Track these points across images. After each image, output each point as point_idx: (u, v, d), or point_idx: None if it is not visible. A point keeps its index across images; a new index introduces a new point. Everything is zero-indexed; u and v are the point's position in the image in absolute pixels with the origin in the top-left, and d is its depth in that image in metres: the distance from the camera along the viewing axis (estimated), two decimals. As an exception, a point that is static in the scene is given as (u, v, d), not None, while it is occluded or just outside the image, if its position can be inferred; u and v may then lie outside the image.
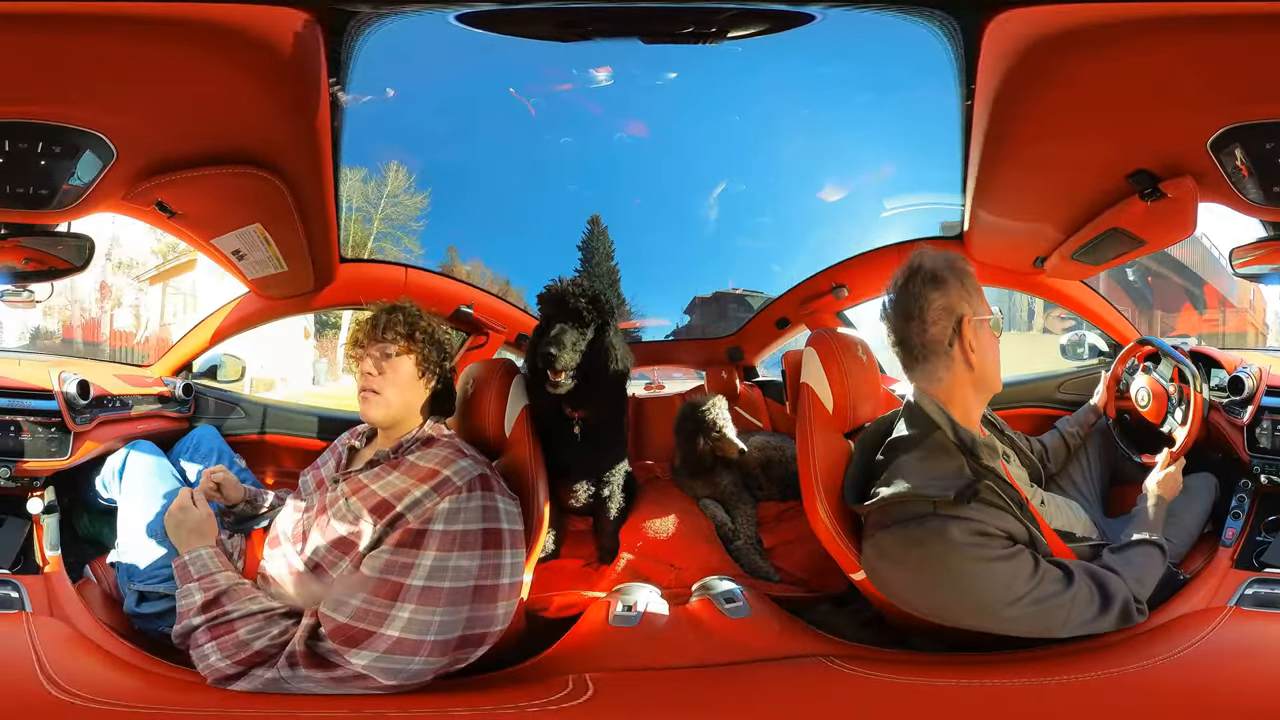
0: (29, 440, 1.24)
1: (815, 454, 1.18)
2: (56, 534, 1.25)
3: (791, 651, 1.12)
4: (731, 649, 1.12)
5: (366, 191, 2.45)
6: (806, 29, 1.13)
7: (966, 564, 0.97)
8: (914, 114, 1.52)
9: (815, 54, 1.53)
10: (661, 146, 2.16)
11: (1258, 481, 1.25)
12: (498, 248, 2.56)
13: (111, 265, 3.53)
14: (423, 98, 1.72)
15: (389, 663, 0.98)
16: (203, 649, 1.04)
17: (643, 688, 1.05)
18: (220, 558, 1.13)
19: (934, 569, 0.99)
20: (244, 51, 1.01)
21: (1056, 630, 1.00)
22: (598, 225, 2.10)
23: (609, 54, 1.59)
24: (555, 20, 1.14)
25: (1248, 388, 1.25)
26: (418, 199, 2.56)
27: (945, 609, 1.02)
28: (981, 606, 0.98)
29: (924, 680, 1.04)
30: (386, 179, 2.64)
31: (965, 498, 0.98)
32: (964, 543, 0.96)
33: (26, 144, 1.04)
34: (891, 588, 1.07)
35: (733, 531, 1.55)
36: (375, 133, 1.79)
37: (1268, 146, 0.99)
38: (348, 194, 2.28)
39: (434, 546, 1.02)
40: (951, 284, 1.04)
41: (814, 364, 1.28)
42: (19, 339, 3.52)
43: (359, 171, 2.28)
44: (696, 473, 1.67)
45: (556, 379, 1.37)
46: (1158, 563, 1.12)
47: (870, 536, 1.07)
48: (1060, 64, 1.00)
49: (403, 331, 1.17)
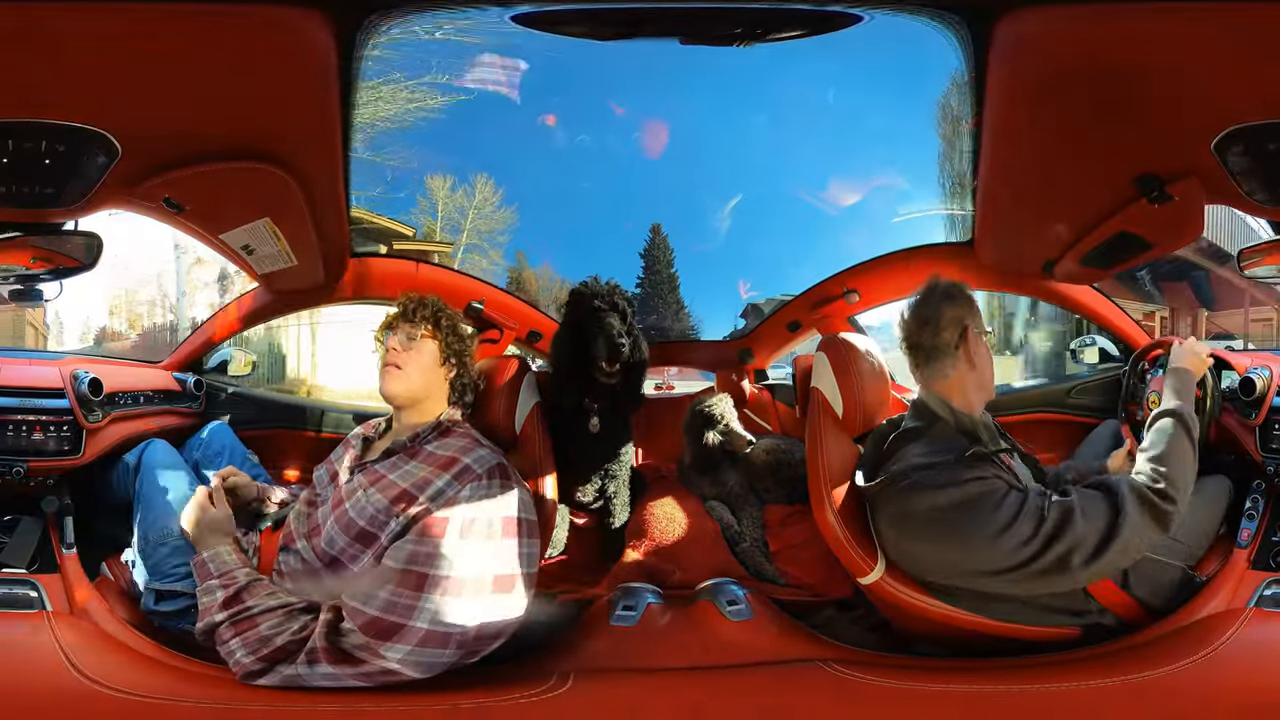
0: (42, 439, 1.24)
1: (825, 458, 1.18)
2: (71, 532, 1.26)
3: (790, 655, 1.13)
4: (729, 652, 1.12)
5: (455, 201, 2.51)
6: (839, 33, 1.12)
7: (970, 512, 1.03)
8: (928, 119, 1.52)
9: (834, 57, 1.51)
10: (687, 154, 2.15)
11: (1272, 482, 1.25)
12: (565, 253, 2.65)
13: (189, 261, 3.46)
14: (503, 104, 1.74)
15: (421, 656, 0.97)
16: (229, 645, 1.04)
17: (623, 687, 1.05)
18: (238, 555, 1.13)
19: (943, 522, 1.04)
20: (250, 44, 1.00)
21: (1077, 564, 1.00)
22: (659, 234, 2.12)
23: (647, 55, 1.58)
24: (601, 20, 1.12)
25: (1259, 389, 1.25)
26: (505, 213, 2.63)
27: (963, 561, 1.05)
28: (994, 552, 1.01)
29: (926, 686, 1.04)
30: (475, 189, 2.68)
31: (964, 459, 1.07)
32: (966, 489, 1.04)
33: (30, 143, 1.03)
34: (907, 556, 1.11)
35: (738, 534, 1.56)
36: (459, 141, 1.81)
37: (1271, 147, 0.99)
38: (438, 202, 2.33)
39: (457, 535, 1.02)
40: (961, 301, 1.19)
41: (825, 369, 1.28)
42: (81, 339, 3.47)
43: (447, 180, 2.33)
44: (704, 470, 1.68)
45: (612, 369, 1.46)
46: (1182, 438, 1.08)
47: (881, 510, 1.13)
48: (1064, 66, 0.99)
49: (429, 317, 1.24)
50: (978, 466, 1.06)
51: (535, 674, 1.04)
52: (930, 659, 1.13)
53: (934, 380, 1.17)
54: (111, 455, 1.36)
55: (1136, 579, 1.14)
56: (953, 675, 1.06)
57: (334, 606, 1.04)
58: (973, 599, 1.09)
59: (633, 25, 1.16)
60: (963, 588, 1.08)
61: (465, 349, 1.27)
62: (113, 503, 1.35)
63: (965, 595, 1.09)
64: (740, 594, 1.21)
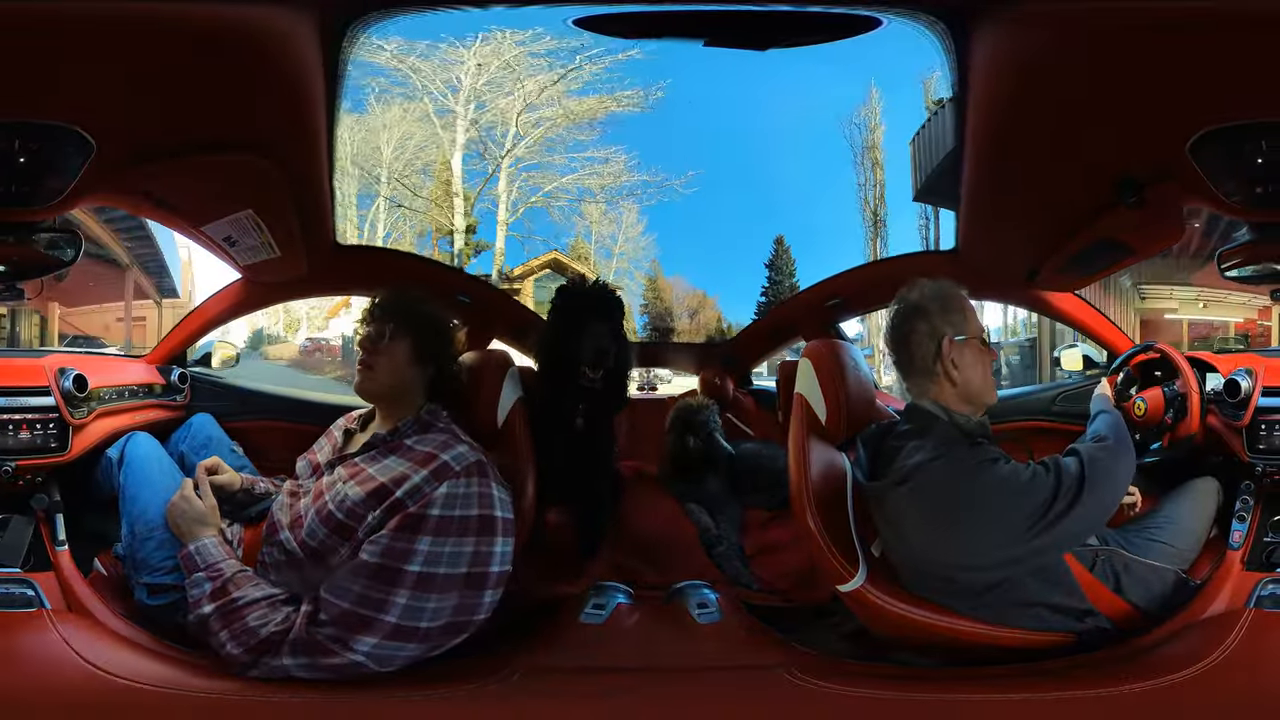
0: (28, 437, 1.24)
1: (806, 464, 1.18)
2: (63, 530, 1.26)
3: (750, 661, 1.12)
4: (690, 654, 1.12)
5: (604, 226, 2.64)
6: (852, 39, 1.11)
7: (987, 486, 1.02)
8: (913, 125, 1.51)
9: (820, 60, 1.50)
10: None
11: (1260, 482, 1.25)
12: (696, 264, 2.76)
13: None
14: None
15: (384, 649, 0.99)
16: (219, 637, 1.04)
17: (573, 684, 1.06)
18: (223, 546, 1.14)
19: (968, 500, 1.03)
20: (223, 34, 0.98)
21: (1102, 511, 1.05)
22: (781, 244, 2.14)
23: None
24: (633, 21, 1.11)
25: (1244, 390, 1.25)
26: (649, 238, 2.76)
27: (992, 534, 1.04)
28: (1019, 515, 1.01)
29: (891, 694, 1.03)
30: (622, 216, 2.77)
31: (975, 445, 1.07)
32: (991, 468, 1.03)
33: (3, 144, 1.02)
34: (929, 546, 1.08)
35: (716, 537, 1.57)
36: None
37: (1246, 148, 1.00)
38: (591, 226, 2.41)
39: (431, 532, 1.02)
40: (932, 311, 1.15)
41: (809, 375, 1.29)
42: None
43: (600, 205, 2.42)
44: (685, 472, 1.70)
45: (595, 374, 1.43)
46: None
47: (891, 507, 1.10)
48: (1043, 73, 0.99)
49: (397, 314, 1.21)
50: (988, 449, 1.07)
51: (492, 668, 1.05)
52: (900, 667, 1.13)
53: (921, 396, 1.16)
54: (97, 451, 1.36)
55: (1130, 584, 1.14)
56: (921, 684, 1.06)
57: (315, 598, 1.05)
58: (970, 599, 1.07)
59: (668, 27, 1.15)
60: (973, 579, 1.07)
61: (442, 347, 1.24)
62: (100, 498, 1.35)
63: (965, 595, 1.07)
64: (712, 597, 1.21)
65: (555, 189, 6.40)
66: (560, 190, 6.39)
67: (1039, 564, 1.06)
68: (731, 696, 1.05)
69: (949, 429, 1.12)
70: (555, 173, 6.31)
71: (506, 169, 6.26)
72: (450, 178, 6.43)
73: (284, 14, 1.02)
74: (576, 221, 6.65)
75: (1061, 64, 0.98)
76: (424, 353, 1.22)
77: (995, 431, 1.19)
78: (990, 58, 1.04)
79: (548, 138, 6.10)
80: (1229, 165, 1.03)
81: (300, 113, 1.22)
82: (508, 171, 6.31)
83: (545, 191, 6.41)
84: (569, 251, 6.67)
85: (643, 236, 6.46)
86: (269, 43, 1.04)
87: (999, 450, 1.09)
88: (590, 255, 6.63)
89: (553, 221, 6.58)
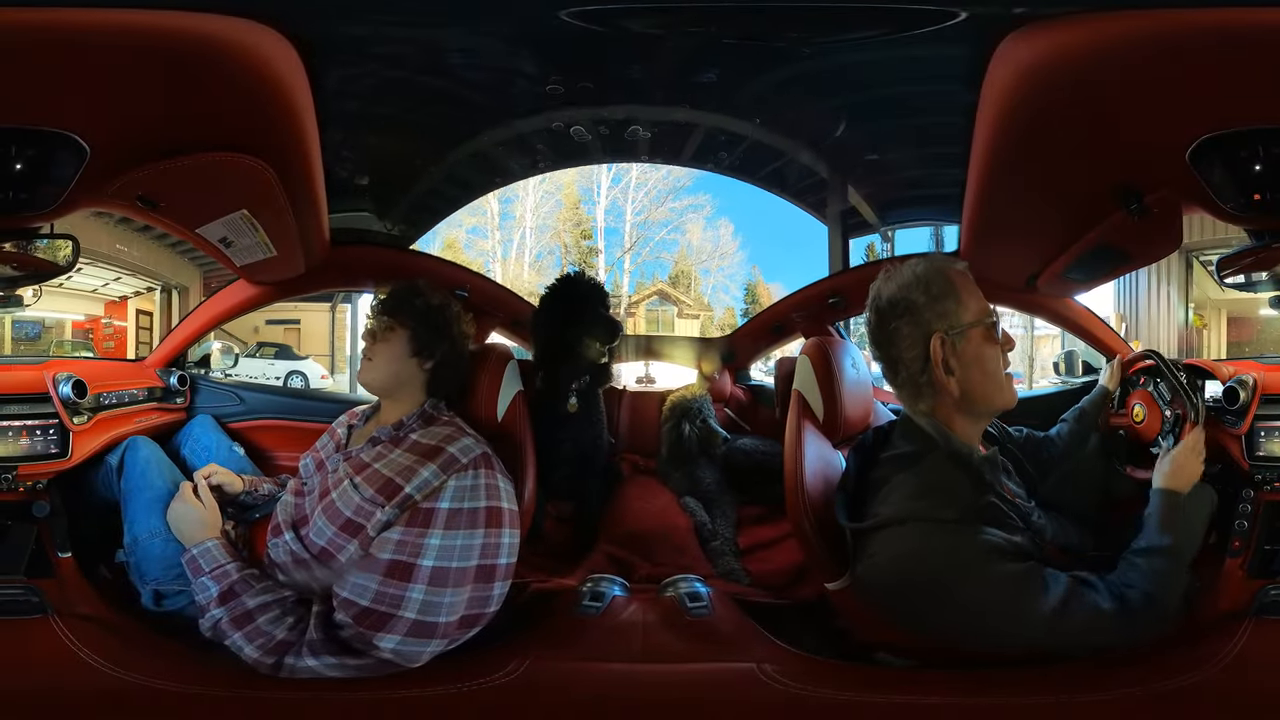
0: (29, 444, 1.24)
1: (802, 461, 1.17)
2: (65, 536, 1.26)
3: (731, 658, 1.11)
4: (676, 650, 1.12)
5: (702, 248, 3.07)
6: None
7: (977, 585, 0.88)
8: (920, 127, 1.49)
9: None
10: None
11: (1259, 490, 1.24)
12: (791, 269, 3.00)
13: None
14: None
15: (410, 645, 1.00)
16: (234, 640, 1.04)
17: (573, 677, 1.06)
18: (227, 548, 1.14)
19: (943, 590, 0.90)
20: (209, 38, 0.95)
21: (1077, 646, 0.93)
22: (873, 252, 2.14)
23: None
24: (669, 18, 1.08)
25: (1243, 398, 1.25)
26: (739, 256, 3.17)
27: (956, 633, 0.94)
28: (998, 627, 0.90)
29: (865, 698, 1.02)
30: (719, 234, 3.06)
31: (969, 517, 0.90)
32: (974, 559, 0.88)
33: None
34: (891, 613, 0.99)
35: (711, 531, 1.58)
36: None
37: (1243, 155, 0.99)
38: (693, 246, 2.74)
39: (441, 525, 1.03)
40: (916, 303, 0.96)
41: (807, 372, 1.29)
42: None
43: (700, 223, 2.66)
44: (680, 465, 1.70)
45: (605, 348, 1.61)
46: (1174, 572, 0.97)
47: (868, 558, 0.97)
48: (1049, 84, 0.97)
49: (396, 309, 1.24)
50: (981, 527, 0.90)
51: (495, 661, 1.06)
52: (886, 668, 1.13)
53: (913, 407, 1.03)
54: (96, 457, 1.36)
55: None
56: (904, 686, 1.05)
57: (326, 597, 1.06)
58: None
59: (703, 24, 1.11)
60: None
61: (441, 341, 1.24)
62: (102, 504, 1.36)
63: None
64: (704, 591, 1.21)
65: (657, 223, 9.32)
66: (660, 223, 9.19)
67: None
68: (719, 691, 1.06)
69: (944, 466, 0.95)
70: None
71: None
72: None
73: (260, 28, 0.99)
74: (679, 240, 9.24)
75: (1068, 73, 0.96)
76: (422, 345, 1.22)
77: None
78: (996, 68, 1.02)
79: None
80: (1227, 173, 1.02)
81: (290, 108, 1.19)
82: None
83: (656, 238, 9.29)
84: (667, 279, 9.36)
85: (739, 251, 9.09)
86: (252, 43, 1.01)
87: (995, 530, 0.90)
88: (691, 270, 9.20)
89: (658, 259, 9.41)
